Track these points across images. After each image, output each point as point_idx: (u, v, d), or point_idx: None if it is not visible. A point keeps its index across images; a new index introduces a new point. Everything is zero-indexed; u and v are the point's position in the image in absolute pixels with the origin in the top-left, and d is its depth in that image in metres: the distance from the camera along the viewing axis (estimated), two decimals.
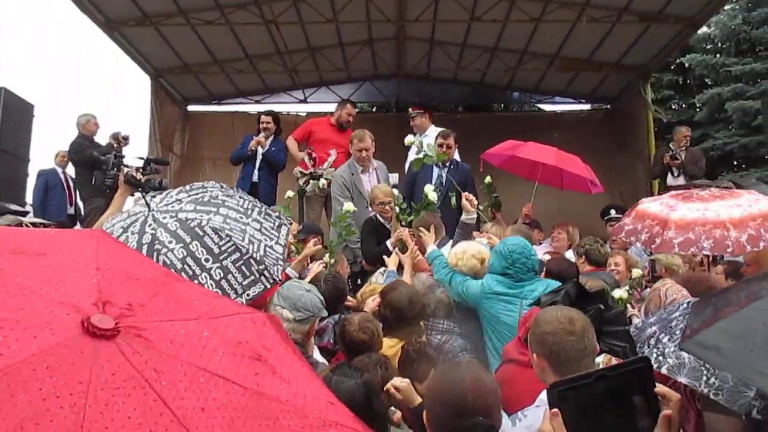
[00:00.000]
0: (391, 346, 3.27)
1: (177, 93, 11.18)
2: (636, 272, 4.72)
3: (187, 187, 2.89)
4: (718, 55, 18.23)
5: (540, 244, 6.59)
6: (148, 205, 2.73)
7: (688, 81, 19.18)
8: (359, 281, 5.59)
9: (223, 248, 2.59)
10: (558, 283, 3.84)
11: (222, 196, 2.85)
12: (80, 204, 7.98)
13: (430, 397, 1.95)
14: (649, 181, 9.65)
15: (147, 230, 2.61)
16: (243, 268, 2.59)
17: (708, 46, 18.94)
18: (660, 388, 1.41)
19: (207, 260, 2.55)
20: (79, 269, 1.32)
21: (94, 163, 4.91)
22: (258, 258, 2.64)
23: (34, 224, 5.17)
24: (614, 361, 2.32)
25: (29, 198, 8.15)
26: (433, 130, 7.10)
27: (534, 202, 6.78)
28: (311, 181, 6.73)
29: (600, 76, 10.99)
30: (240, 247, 2.62)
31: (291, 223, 3.09)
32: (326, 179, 6.57)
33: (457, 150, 6.56)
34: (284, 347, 1.48)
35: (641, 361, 1.42)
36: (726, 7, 15.68)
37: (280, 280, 2.79)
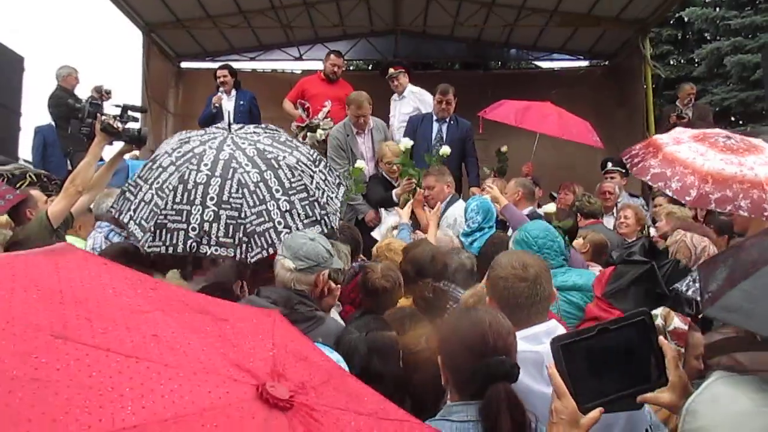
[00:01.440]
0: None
1: (170, 49, 10.98)
2: (652, 230, 4.83)
3: (262, 126, 3.20)
4: (717, 9, 17.96)
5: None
6: (230, 126, 2.98)
7: (687, 36, 18.96)
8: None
9: (293, 185, 2.83)
10: (589, 272, 3.50)
11: (295, 141, 3.11)
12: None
13: (447, 341, 1.88)
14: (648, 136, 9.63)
15: (225, 149, 2.84)
16: (307, 207, 2.82)
17: None
18: (660, 340, 1.44)
19: (277, 191, 2.78)
20: (257, 340, 1.27)
21: (69, 113, 4.82)
22: (322, 204, 2.86)
23: (37, 176, 5.17)
24: (673, 314, 2.36)
25: (21, 152, 8.03)
26: (409, 91, 6.90)
27: (533, 158, 6.78)
28: (309, 133, 6.67)
29: (598, 32, 10.81)
30: (308, 188, 2.85)
31: (347, 186, 3.35)
32: (323, 129, 6.45)
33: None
34: None
35: (641, 314, 1.42)
36: None
37: (335, 229, 3.07)
